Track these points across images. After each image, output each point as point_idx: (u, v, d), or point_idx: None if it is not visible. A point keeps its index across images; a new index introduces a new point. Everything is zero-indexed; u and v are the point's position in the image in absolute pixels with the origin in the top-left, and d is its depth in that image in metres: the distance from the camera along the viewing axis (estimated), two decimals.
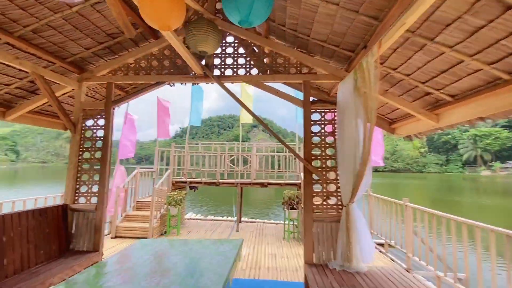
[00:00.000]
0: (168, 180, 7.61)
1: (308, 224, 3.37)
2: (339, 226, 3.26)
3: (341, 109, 3.36)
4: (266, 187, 7.41)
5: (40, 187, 24.07)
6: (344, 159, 3.24)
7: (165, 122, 8.69)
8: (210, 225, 8.06)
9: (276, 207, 17.17)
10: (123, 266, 2.57)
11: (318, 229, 3.37)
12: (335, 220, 3.35)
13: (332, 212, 3.39)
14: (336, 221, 3.34)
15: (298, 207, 6.44)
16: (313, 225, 3.36)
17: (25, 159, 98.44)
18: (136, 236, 6.44)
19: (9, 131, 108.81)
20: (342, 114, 3.33)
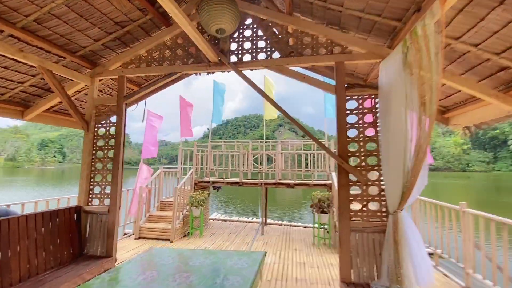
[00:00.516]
0: (191, 180, 7.39)
1: (345, 234, 2.78)
2: (384, 237, 2.63)
3: (385, 94, 2.73)
4: (293, 187, 6.85)
5: None
6: (390, 156, 2.61)
7: (188, 121, 8.51)
8: (234, 227, 7.70)
9: (304, 209, 16.42)
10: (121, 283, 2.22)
11: (357, 241, 2.77)
12: (378, 230, 2.72)
13: (374, 220, 2.77)
14: (380, 232, 2.71)
15: (329, 210, 5.79)
16: (351, 235, 2.77)
17: (71, 160, 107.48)
18: (159, 238, 6.27)
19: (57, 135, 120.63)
20: (386, 100, 2.70)
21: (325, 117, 7.88)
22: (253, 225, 8.13)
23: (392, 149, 2.57)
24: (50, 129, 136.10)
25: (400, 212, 2.53)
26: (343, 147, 2.87)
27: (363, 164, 2.86)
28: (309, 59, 3.05)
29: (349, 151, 2.88)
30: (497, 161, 67.71)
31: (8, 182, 32.29)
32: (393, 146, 2.56)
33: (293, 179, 7.21)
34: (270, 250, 5.61)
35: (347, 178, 2.86)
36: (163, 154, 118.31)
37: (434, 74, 2.02)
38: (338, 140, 2.89)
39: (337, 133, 2.91)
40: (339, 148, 2.88)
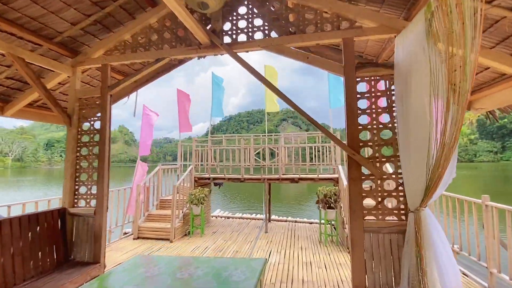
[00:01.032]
0: (190, 176, 7.09)
1: (357, 235, 2.44)
2: (404, 239, 2.28)
3: (402, 74, 2.34)
4: (297, 182, 6.51)
5: None
6: (410, 145, 2.24)
7: (186, 115, 8.19)
8: (236, 225, 7.41)
9: (309, 203, 16.10)
10: None
11: (371, 242, 2.43)
12: (396, 230, 2.37)
13: (391, 219, 2.42)
14: (398, 232, 2.36)
15: (336, 206, 5.45)
16: (364, 236, 2.43)
17: None
18: (159, 237, 6.01)
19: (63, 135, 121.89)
20: (403, 81, 2.31)
21: (330, 108, 7.48)
22: (257, 222, 7.84)
23: (412, 137, 2.20)
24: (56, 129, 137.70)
25: (423, 210, 2.17)
26: (353, 136, 2.50)
27: (377, 155, 2.49)
28: (312, 37, 2.67)
29: (360, 141, 2.52)
30: (505, 150, 66.33)
31: (14, 182, 32.60)
32: (414, 133, 2.19)
33: (297, 174, 6.86)
34: (274, 249, 5.30)
35: (358, 171, 2.50)
36: (167, 151, 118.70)
37: (468, 45, 1.64)
38: (348, 128, 2.52)
39: (346, 120, 2.54)
40: (349, 138, 2.51)
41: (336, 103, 7.52)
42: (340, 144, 2.50)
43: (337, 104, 7.51)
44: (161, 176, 7.10)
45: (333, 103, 7.51)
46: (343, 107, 2.61)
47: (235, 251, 5.23)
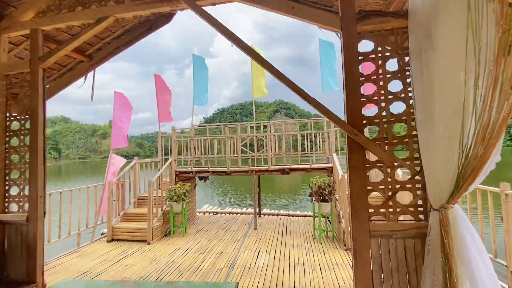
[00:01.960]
0: (170, 171, 6.42)
1: (361, 242, 1.85)
2: (425, 245, 1.70)
3: (421, 24, 1.71)
4: (288, 174, 5.92)
5: (84, 181, 25.76)
6: (432, 119, 1.63)
7: (167, 104, 7.45)
8: (224, 221, 6.83)
9: (303, 194, 15.65)
10: None
11: (380, 250, 1.84)
12: (413, 234, 1.79)
13: (406, 220, 1.83)
14: (416, 237, 1.79)
15: (331, 198, 4.89)
16: (371, 243, 1.84)
17: (67, 156, 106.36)
18: (135, 239, 5.38)
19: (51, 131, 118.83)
20: (423, 33, 1.69)
21: (322, 92, 6.84)
22: (247, 217, 7.27)
23: (437, 108, 1.59)
24: None
25: (452, 207, 1.58)
26: (354, 110, 1.88)
27: (386, 135, 1.88)
28: None
29: (364, 117, 1.90)
30: None
31: None
32: (439, 102, 1.58)
33: (288, 164, 6.27)
34: (263, 248, 4.74)
35: (362, 157, 1.89)
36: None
37: None
38: (347, 101, 1.90)
39: (345, 90, 1.91)
40: (349, 113, 1.89)
41: (329, 87, 6.87)
42: (337, 122, 1.89)
43: (330, 88, 6.87)
44: (138, 171, 6.41)
45: (326, 86, 6.87)
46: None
47: (219, 252, 4.64)
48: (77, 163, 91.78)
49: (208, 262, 4.25)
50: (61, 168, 64.72)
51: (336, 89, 6.80)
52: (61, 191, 4.90)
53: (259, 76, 7.48)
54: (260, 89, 7.40)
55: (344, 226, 4.53)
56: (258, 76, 7.46)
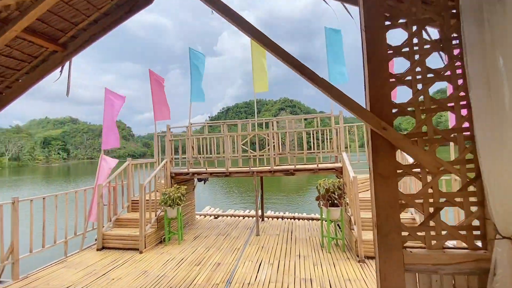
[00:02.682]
0: (165, 172, 5.97)
1: (392, 278, 1.33)
2: (487, 286, 1.17)
3: None
4: (293, 174, 5.40)
5: (90, 182, 25.74)
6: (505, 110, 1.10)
7: (162, 100, 7.00)
8: (225, 225, 6.35)
9: (310, 194, 15.02)
10: None
11: None
12: (468, 269, 1.26)
13: (458, 249, 1.30)
14: (474, 273, 1.25)
15: (341, 202, 4.36)
16: (405, 280, 1.31)
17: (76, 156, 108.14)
18: (127, 247, 4.96)
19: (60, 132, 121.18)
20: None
21: None
22: (249, 220, 6.79)
23: None
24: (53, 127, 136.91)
25: None
26: (381, 96, 1.36)
27: (426, 129, 1.35)
28: None
29: (393, 105, 1.37)
30: None
31: (14, 181, 31.60)
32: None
33: (293, 164, 5.75)
34: (266, 259, 4.25)
35: (391, 159, 1.37)
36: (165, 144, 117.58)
37: None
38: (370, 84, 1.37)
39: (366, 69, 1.38)
40: (373, 100, 1.37)
41: (338, 79, 6.30)
42: (356, 111, 1.36)
43: (338, 79, 6.29)
44: (132, 173, 5.98)
45: (334, 78, 6.30)
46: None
47: (216, 263, 4.17)
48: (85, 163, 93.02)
49: (203, 276, 3.78)
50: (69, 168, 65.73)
51: (347, 80, 6.22)
52: (44, 197, 4.49)
53: (261, 71, 6.97)
54: (261, 84, 6.89)
55: (357, 234, 4.00)
56: (259, 71, 6.95)
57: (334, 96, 1.43)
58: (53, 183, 28.00)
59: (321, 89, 1.45)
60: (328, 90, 1.44)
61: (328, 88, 1.43)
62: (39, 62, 3.40)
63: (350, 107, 1.38)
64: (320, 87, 1.45)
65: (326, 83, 1.45)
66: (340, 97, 1.41)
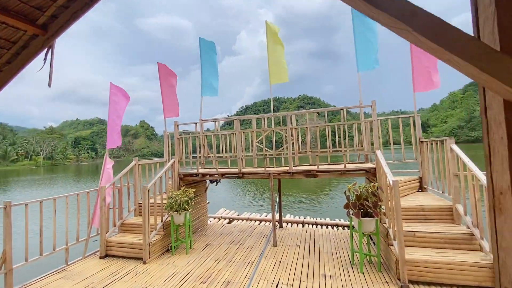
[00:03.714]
0: (173, 173, 5.47)
1: None
2: None
3: None
4: (315, 177, 4.65)
5: None
6: None
7: (172, 97, 6.53)
8: (238, 232, 5.75)
9: (333, 194, 13.95)
10: None
11: None
12: None
13: None
14: None
15: (377, 212, 3.56)
16: None
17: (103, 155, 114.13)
18: (130, 256, 4.51)
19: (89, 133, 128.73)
20: None
21: (358, 72, 5.43)
22: (266, 227, 6.13)
23: None
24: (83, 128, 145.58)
25: None
26: None
27: None
28: None
29: None
30: None
31: (48, 179, 33.46)
32: None
33: (315, 164, 5.00)
34: (284, 278, 3.56)
35: None
36: (186, 144, 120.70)
37: None
38: None
39: None
40: None
41: (367, 65, 5.45)
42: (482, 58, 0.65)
43: (368, 66, 5.44)
44: (139, 174, 5.54)
45: (361, 65, 5.45)
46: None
47: (226, 282, 3.56)
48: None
49: None
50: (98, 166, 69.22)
51: (376, 66, 5.36)
52: (41, 200, 4.14)
53: (277, 61, 6.26)
54: (278, 75, 6.18)
55: (398, 252, 3.20)
56: (276, 60, 6.25)
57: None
58: (80, 181, 29.13)
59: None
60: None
61: None
62: (19, 48, 2.97)
63: (451, 47, 0.67)
64: None
65: None
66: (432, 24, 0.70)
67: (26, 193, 19.75)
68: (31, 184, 27.12)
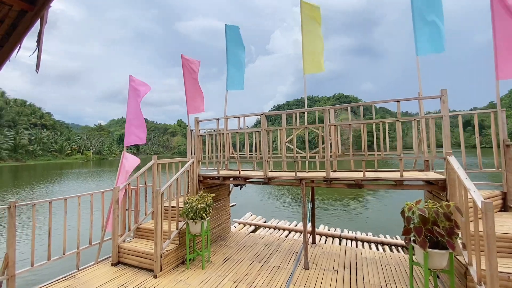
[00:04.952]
0: (191, 175, 4.91)
1: None
2: None
3: None
4: (361, 187, 3.68)
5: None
6: None
7: (196, 91, 6.01)
8: (264, 246, 5.00)
9: (375, 200, 12.29)
10: None
11: None
12: None
13: None
14: None
15: (451, 242, 2.53)
16: None
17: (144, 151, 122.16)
18: (142, 266, 4.05)
19: None
20: None
21: (416, 55, 4.32)
22: (296, 240, 5.28)
23: None
24: None
25: None
26: None
27: None
28: None
29: None
30: None
31: (96, 172, 36.41)
32: None
33: (359, 170, 4.03)
34: None
35: None
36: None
37: None
38: None
39: None
40: None
41: (428, 49, 4.32)
42: None
43: (430, 49, 4.31)
44: (158, 173, 5.10)
45: (421, 48, 4.33)
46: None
47: None
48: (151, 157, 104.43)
49: None
50: None
51: (444, 50, 4.22)
52: (50, 200, 3.84)
53: (314, 47, 5.36)
54: (314, 64, 5.27)
55: None
56: (312, 47, 5.35)
57: None
58: None
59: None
60: None
61: None
62: (9, 29, 2.56)
63: None
64: None
65: None
66: None
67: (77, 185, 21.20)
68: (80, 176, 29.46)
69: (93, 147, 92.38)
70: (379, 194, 14.13)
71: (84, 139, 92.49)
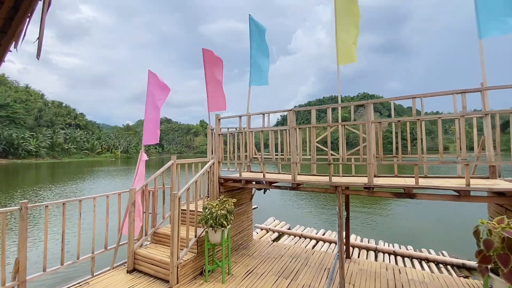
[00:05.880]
0: (211, 177, 4.52)
1: None
2: None
3: None
4: (412, 197, 3.05)
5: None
6: None
7: (217, 88, 5.65)
8: (290, 257, 4.48)
9: (418, 206, 11.08)
10: None
11: None
12: None
13: None
14: None
15: None
16: None
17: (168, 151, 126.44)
18: (157, 276, 3.71)
19: None
20: None
21: (479, 38, 3.58)
22: (327, 254, 4.69)
23: None
24: None
25: None
26: None
27: None
28: None
29: None
30: None
31: (123, 171, 37.91)
32: None
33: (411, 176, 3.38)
34: None
35: None
36: None
37: None
38: None
39: None
40: None
41: (490, 30, 3.57)
42: None
43: (494, 31, 3.56)
44: (177, 175, 4.78)
45: (484, 31, 3.58)
46: None
47: None
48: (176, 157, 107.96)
49: None
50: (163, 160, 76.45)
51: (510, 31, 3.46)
52: (64, 202, 3.63)
53: (348, 37, 4.77)
54: (347, 55, 4.67)
55: None
56: (345, 37, 4.76)
57: None
58: (147, 173, 31.76)
59: None
60: None
61: None
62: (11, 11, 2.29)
63: None
64: None
65: None
66: None
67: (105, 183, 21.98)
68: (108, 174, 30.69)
69: (121, 146, 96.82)
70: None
71: (113, 139, 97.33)
